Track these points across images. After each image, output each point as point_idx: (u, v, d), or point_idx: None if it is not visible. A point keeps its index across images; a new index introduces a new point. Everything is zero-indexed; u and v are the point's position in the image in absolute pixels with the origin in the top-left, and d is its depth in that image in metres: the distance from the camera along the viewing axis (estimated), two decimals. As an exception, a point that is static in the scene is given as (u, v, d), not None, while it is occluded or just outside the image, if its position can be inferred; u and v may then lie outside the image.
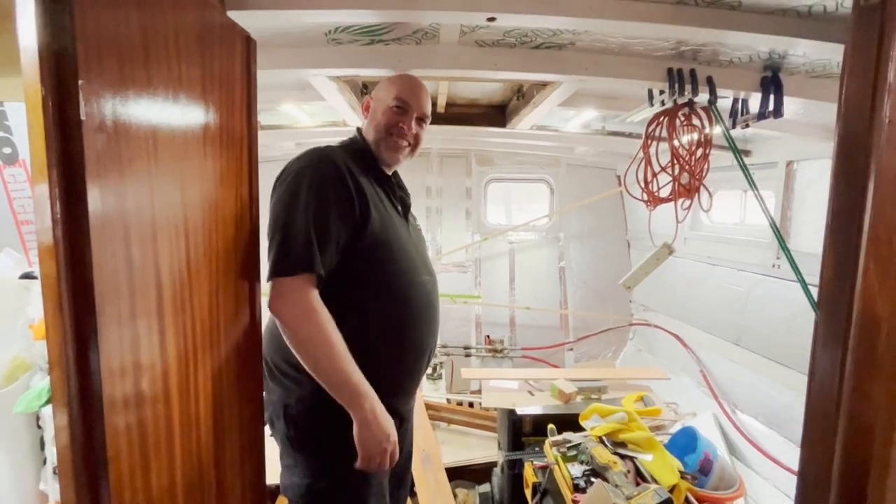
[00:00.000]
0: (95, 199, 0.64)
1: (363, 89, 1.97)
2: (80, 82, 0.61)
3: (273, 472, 1.22)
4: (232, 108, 1.04)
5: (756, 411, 2.47)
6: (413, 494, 2.12)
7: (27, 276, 1.63)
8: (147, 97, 0.75)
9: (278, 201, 1.06)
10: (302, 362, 1.02)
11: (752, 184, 1.34)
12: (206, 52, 0.93)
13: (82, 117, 0.61)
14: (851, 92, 0.75)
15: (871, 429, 0.67)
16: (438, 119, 2.44)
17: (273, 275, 1.01)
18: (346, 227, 1.06)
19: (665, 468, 1.49)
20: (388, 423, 1.04)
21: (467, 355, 3.46)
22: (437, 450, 2.36)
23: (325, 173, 1.08)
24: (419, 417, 2.59)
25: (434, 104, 2.35)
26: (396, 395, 1.17)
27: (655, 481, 1.43)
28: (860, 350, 0.71)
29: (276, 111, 2.37)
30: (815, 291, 1.03)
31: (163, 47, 0.79)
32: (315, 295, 1.02)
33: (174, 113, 0.83)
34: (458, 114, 2.44)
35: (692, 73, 1.47)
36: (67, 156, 0.62)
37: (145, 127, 0.75)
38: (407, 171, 1.35)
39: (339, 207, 1.06)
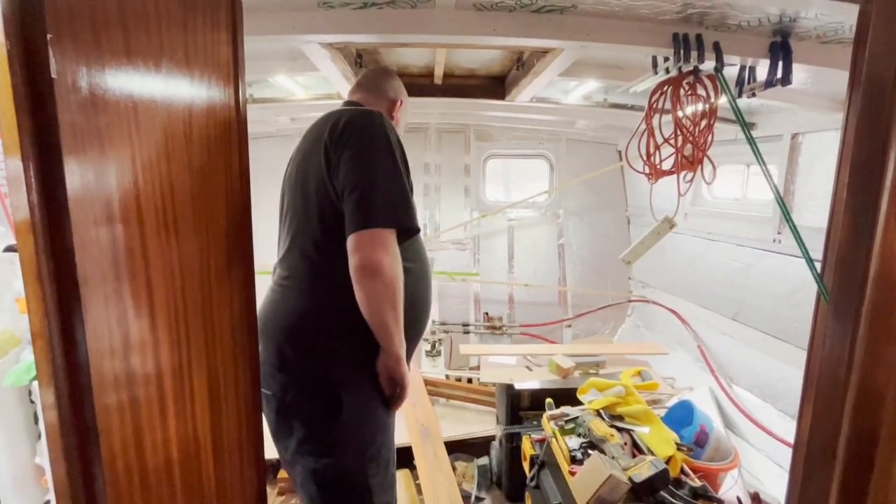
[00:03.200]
0: (71, 163, 0.61)
1: (357, 58, 1.90)
2: (48, 36, 0.56)
3: (271, 448, 1.22)
4: (217, 74, 0.99)
5: (752, 385, 2.49)
6: (413, 467, 2.15)
7: (11, 248, 1.57)
8: (125, 60, 0.70)
9: (370, 151, 1.09)
10: (376, 311, 1.05)
11: (758, 155, 1.30)
12: (188, 14, 0.88)
13: (53, 75, 0.57)
14: (878, 37, 0.70)
15: (883, 394, 0.65)
16: (436, 91, 2.37)
17: (379, 225, 1.04)
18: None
19: (661, 440, 1.51)
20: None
21: (466, 332, 3.47)
22: (437, 424, 2.38)
23: (397, 138, 1.16)
24: (418, 393, 2.61)
25: (431, 75, 2.28)
26: (416, 340, 1.30)
27: (652, 453, 1.44)
28: (875, 312, 0.69)
29: (269, 83, 2.29)
30: (818, 266, 1.01)
31: (139, 4, 0.74)
32: None
33: (156, 79, 0.78)
34: (456, 85, 2.37)
35: (699, 38, 1.41)
36: (39, 118, 0.58)
37: (123, 91, 0.70)
38: (406, 147, 1.31)
39: (406, 171, 1.15)
